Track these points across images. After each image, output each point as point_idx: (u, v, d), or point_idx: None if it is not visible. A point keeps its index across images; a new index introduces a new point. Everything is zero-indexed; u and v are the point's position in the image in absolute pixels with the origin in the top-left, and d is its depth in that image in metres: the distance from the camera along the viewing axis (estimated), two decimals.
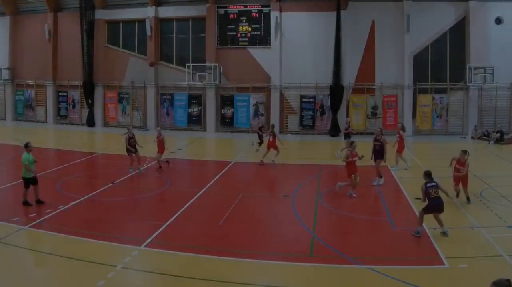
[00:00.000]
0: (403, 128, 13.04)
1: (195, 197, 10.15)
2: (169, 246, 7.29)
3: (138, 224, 8.49)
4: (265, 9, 20.61)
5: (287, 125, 20.24)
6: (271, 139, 13.68)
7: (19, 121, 25.22)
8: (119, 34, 23.13)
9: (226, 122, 21.03)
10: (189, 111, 21.59)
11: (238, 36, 21.00)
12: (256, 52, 20.65)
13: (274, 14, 20.20)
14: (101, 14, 22.90)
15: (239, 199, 9.94)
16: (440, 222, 7.39)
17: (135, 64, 22.49)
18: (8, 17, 24.79)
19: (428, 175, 7.49)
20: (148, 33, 21.87)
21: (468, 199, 9.20)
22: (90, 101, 23.05)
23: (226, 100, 21.04)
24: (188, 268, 6.53)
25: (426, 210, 7.40)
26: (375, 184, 10.75)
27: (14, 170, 12.89)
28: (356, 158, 9.79)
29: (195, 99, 21.50)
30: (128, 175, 12.34)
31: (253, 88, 20.57)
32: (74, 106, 23.95)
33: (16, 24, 24.92)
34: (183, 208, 9.33)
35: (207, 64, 20.77)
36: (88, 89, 22.98)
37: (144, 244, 7.34)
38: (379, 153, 10.92)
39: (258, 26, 20.73)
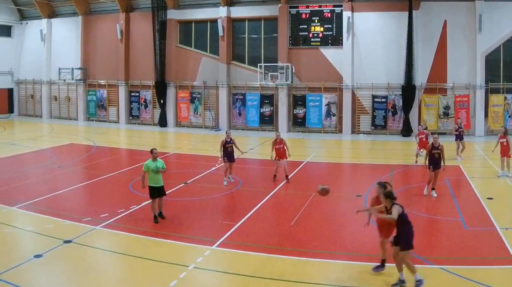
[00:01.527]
0: (506, 132, 15.89)
1: (267, 197, 13.68)
2: (240, 246, 9.67)
3: (210, 224, 11.30)
4: (337, 9, 27.78)
5: (359, 125, 27.41)
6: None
7: (91, 121, 34.00)
8: (191, 34, 31.14)
9: (298, 122, 28.43)
10: (261, 111, 29.22)
11: (310, 36, 28.33)
12: (328, 52, 27.88)
13: (346, 14, 27.21)
14: (173, 14, 30.86)
15: (311, 199, 13.24)
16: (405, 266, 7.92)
17: (207, 64, 30.40)
18: (80, 17, 33.47)
19: (391, 195, 7.85)
20: (220, 33, 29.53)
21: None
22: (162, 101, 31.25)
23: (298, 100, 28.48)
24: (260, 268, 8.51)
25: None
26: (435, 196, 13.30)
27: (86, 170, 18.19)
28: None
29: (267, 99, 29.11)
30: (201, 175, 16.56)
31: (325, 88, 27.81)
32: (146, 106, 32.49)
33: (88, 24, 33.65)
34: (255, 208, 12.48)
35: (279, 64, 28.01)
36: (160, 89, 31.11)
37: (216, 244, 9.77)
38: (439, 161, 13.27)
39: (330, 26, 27.96)
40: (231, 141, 15.29)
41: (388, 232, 8.16)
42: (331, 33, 27.74)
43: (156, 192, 11.36)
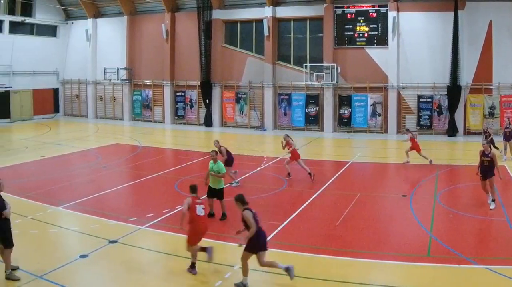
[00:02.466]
0: None
1: (313, 197, 16.10)
2: (286, 246, 11.47)
3: None
4: (383, 9, 33.07)
5: (404, 125, 32.46)
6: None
7: (137, 121, 40.34)
8: (237, 34, 37.07)
9: (344, 122, 33.87)
10: (306, 111, 34.81)
11: (356, 36, 33.73)
12: (374, 52, 33.19)
13: (391, 14, 32.33)
14: (218, 14, 36.79)
15: (357, 199, 15.64)
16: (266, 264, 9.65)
17: (252, 64, 36.26)
18: (125, 17, 39.89)
19: (242, 200, 9.77)
20: (266, 33, 35.28)
21: None
22: (207, 101, 37.44)
23: (343, 100, 33.90)
24: (306, 268, 10.12)
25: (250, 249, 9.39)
26: (492, 208, 14.42)
27: (131, 170, 21.20)
28: None
29: (313, 99, 34.68)
30: (246, 175, 19.42)
31: (371, 88, 33.07)
32: (191, 106, 38.76)
33: (134, 24, 40.09)
34: (301, 208, 14.67)
35: (325, 64, 33.33)
36: (206, 89, 37.06)
37: None
38: (488, 170, 14.51)
39: (375, 26, 33.29)
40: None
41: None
42: (376, 33, 33.02)
43: (210, 192, 13.75)
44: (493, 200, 14.70)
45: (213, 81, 37.19)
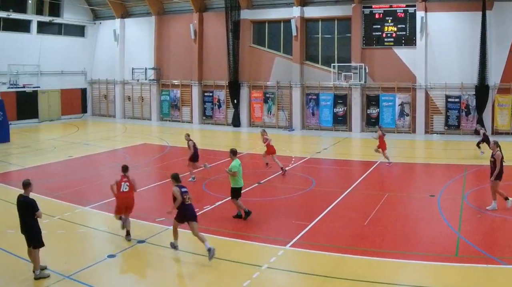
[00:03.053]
0: None
1: (341, 197, 17.44)
2: (314, 246, 12.54)
3: (283, 224, 14.62)
4: (411, 9, 36.41)
5: (432, 125, 35.88)
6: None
7: (165, 121, 44.30)
8: (265, 34, 40.83)
9: (372, 122, 37.40)
10: (334, 111, 38.28)
11: (384, 36, 37.20)
12: (402, 52, 36.52)
13: (419, 14, 35.61)
14: (246, 14, 40.49)
15: (385, 199, 16.91)
16: (197, 235, 12.17)
17: (280, 64, 39.84)
18: (153, 17, 43.96)
19: (176, 178, 12.56)
20: (294, 33, 38.80)
21: None
22: (235, 101, 41.28)
23: (371, 100, 37.36)
24: (333, 268, 11.18)
25: (178, 219, 12.37)
26: (490, 208, 15.78)
27: (159, 170, 23.19)
28: None
29: (341, 99, 38.13)
30: (274, 175, 21.36)
31: (399, 88, 36.42)
32: (219, 106, 42.64)
33: (162, 24, 44.10)
34: (329, 208, 15.95)
35: (353, 64, 36.80)
36: (234, 89, 40.80)
37: (290, 244, 12.70)
38: (492, 171, 15.72)
39: (403, 26, 36.64)
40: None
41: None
42: (404, 33, 36.37)
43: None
44: (506, 198, 15.82)
45: (241, 81, 40.96)
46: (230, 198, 15.85)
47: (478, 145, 26.19)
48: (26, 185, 11.36)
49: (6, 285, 10.85)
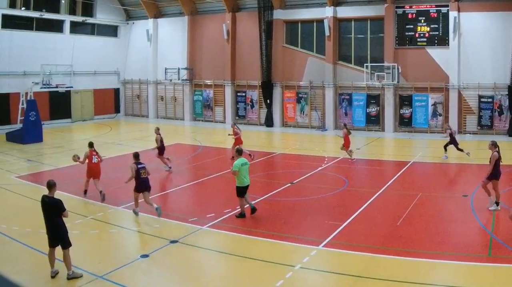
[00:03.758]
0: None
1: (373, 197, 18.61)
2: (347, 246, 13.54)
3: (316, 224, 15.67)
4: (443, 9, 39.64)
5: (465, 125, 38.95)
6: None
7: (197, 121, 48.18)
8: (297, 34, 44.42)
9: (405, 122, 40.62)
10: (367, 111, 41.56)
11: (416, 36, 40.50)
12: (434, 52, 39.70)
13: (452, 14, 38.74)
14: (279, 14, 43.98)
15: (418, 199, 18.15)
16: (148, 202, 16.64)
17: (313, 64, 43.30)
18: (186, 17, 47.93)
19: (136, 156, 17.13)
20: (327, 33, 42.16)
21: None
22: (268, 101, 45.08)
23: (404, 100, 40.58)
24: (366, 268, 11.97)
25: (136, 189, 16.60)
26: (492, 209, 17.05)
27: (192, 170, 24.92)
28: None
29: (374, 99, 41.39)
30: (307, 175, 22.90)
31: (431, 88, 39.57)
32: (252, 106, 46.40)
33: (194, 24, 48.05)
34: (361, 208, 17.07)
35: (385, 64, 40.06)
36: (267, 89, 44.46)
37: (323, 244, 13.64)
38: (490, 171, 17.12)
39: (436, 26, 39.82)
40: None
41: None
42: (437, 33, 39.54)
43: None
44: (496, 203, 17.15)
45: (274, 81, 44.59)
46: (235, 195, 17.29)
47: (445, 146, 28.10)
48: (52, 185, 12.19)
49: (41, 286, 11.77)
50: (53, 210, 11.93)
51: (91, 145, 20.42)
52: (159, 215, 16.33)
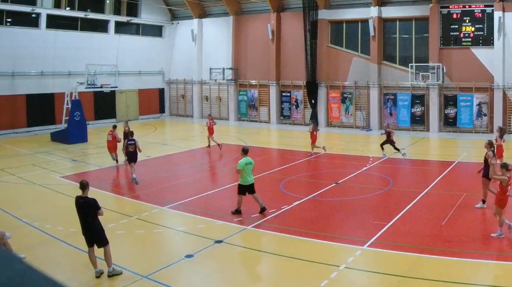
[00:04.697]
0: None
1: (418, 197, 19.97)
2: (391, 246, 14.52)
3: (361, 224, 16.89)
4: (488, 9, 44.07)
5: (510, 125, 42.76)
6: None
7: (242, 121, 53.24)
8: (342, 34, 49.38)
9: (449, 122, 44.93)
10: (412, 111, 45.85)
11: (461, 36, 45.12)
12: (479, 52, 43.82)
13: (497, 14, 42.67)
14: (324, 14, 48.82)
15: (462, 199, 19.35)
16: (132, 168, 23.73)
17: (358, 64, 48.00)
18: (231, 17, 53.20)
19: (131, 133, 25.88)
20: (371, 33, 46.66)
21: None
22: (313, 101, 49.91)
23: (449, 100, 44.96)
24: (411, 268, 12.83)
25: (127, 160, 24.77)
26: (478, 206, 18.91)
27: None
28: None
29: (418, 99, 45.74)
30: (352, 175, 24.61)
31: (476, 88, 43.87)
32: (297, 107, 51.51)
33: (239, 24, 53.18)
34: (406, 208, 18.21)
35: (430, 64, 44.48)
36: (311, 89, 49.30)
37: (367, 244, 14.63)
38: (484, 170, 18.71)
39: (481, 26, 44.08)
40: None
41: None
42: (482, 33, 43.78)
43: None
44: (482, 201, 18.91)
45: (319, 81, 49.49)
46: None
47: (382, 145, 31.16)
48: (85, 185, 13.05)
49: (84, 284, 12.75)
50: (89, 210, 12.79)
51: (114, 127, 29.99)
52: (136, 183, 23.23)
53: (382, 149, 31.31)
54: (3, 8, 42.07)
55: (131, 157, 24.24)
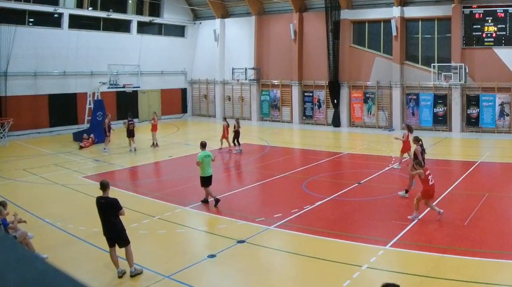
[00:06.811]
0: None
1: (441, 197, 20.08)
2: (414, 246, 14.96)
3: (383, 224, 17.23)
4: (510, 9, 45.34)
5: None
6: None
7: (264, 121, 54.82)
8: (364, 34, 50.74)
9: (472, 122, 45.99)
10: (434, 111, 47.12)
11: (484, 36, 46.38)
12: (502, 52, 44.88)
13: None
14: (346, 14, 50.15)
15: (485, 199, 19.72)
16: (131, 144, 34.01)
17: (380, 64, 49.40)
18: (253, 17, 54.72)
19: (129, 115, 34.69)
20: (394, 33, 47.94)
21: None
22: (335, 101, 51.31)
23: (471, 100, 46.08)
24: (434, 268, 13.11)
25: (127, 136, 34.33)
26: (400, 194, 21.35)
27: (259, 170, 27.55)
28: None
29: (441, 99, 46.96)
30: (374, 175, 25.22)
31: (499, 88, 44.95)
32: (319, 107, 52.79)
33: (262, 24, 54.77)
34: (429, 208, 18.20)
35: (453, 64, 45.65)
36: (334, 89, 50.80)
37: (390, 244, 15.02)
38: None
39: (503, 26, 45.16)
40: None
41: None
42: (504, 33, 44.79)
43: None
44: (406, 190, 21.17)
45: (341, 81, 50.87)
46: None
47: (233, 141, 33.93)
48: (106, 185, 13.39)
49: (106, 285, 13.12)
50: (110, 210, 13.04)
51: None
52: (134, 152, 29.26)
53: (234, 144, 34.07)
54: (26, 8, 43.20)
55: (130, 133, 34.22)
